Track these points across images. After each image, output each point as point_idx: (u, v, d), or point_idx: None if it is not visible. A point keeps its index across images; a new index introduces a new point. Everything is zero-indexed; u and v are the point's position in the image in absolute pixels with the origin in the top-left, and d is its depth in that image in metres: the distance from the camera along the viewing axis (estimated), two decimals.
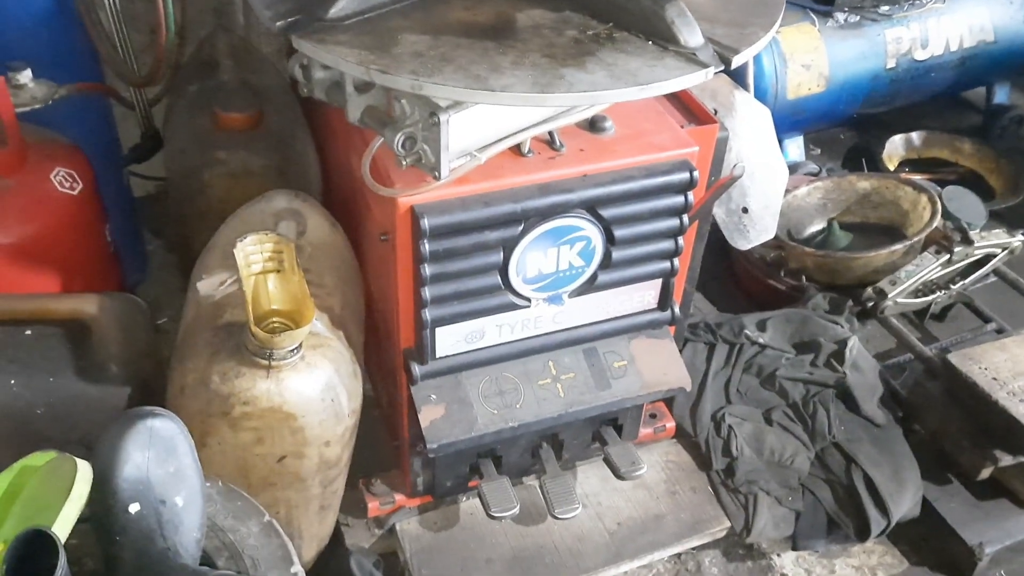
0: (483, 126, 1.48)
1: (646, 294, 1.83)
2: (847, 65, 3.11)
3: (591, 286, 1.74)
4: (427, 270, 1.57)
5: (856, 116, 3.37)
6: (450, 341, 1.71)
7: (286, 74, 2.41)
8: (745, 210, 2.21)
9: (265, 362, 1.56)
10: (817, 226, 2.89)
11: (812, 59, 2.99)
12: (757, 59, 2.89)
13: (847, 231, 2.80)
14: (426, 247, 1.54)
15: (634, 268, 1.76)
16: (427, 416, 1.73)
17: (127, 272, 2.27)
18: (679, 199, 1.68)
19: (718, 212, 2.19)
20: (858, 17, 3.09)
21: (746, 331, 2.36)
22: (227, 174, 2.03)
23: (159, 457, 1.27)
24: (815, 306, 2.48)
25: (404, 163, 1.45)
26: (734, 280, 2.84)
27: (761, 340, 2.36)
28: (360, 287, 1.93)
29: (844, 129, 3.74)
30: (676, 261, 1.78)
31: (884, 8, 3.10)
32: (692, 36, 1.39)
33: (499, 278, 1.65)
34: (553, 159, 1.61)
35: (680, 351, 1.91)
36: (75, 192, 1.93)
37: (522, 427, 1.77)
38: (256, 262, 1.60)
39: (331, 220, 1.91)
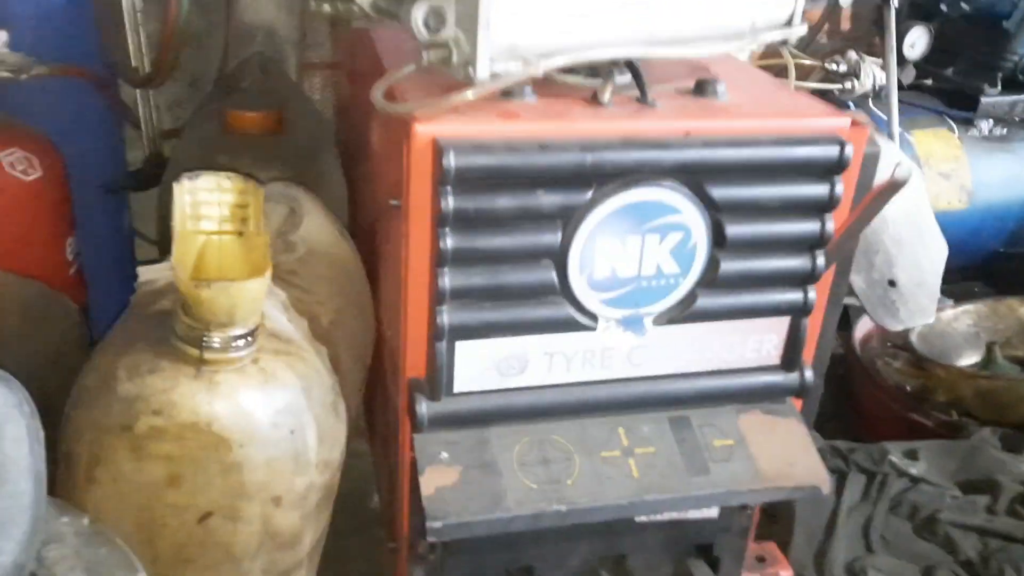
0: (545, 21, 1.03)
1: (765, 340, 1.27)
2: (993, 185, 2.61)
3: (687, 310, 1.20)
4: (449, 239, 1.07)
5: (1002, 254, 2.81)
6: (476, 369, 1.17)
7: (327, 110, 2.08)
8: (892, 283, 1.66)
9: (196, 352, 1.05)
10: (968, 359, 2.29)
11: (952, 168, 2.51)
12: None
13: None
14: (450, 199, 1.04)
15: (751, 292, 1.22)
16: (432, 480, 1.16)
17: (99, 309, 1.81)
18: (822, 187, 1.17)
19: (855, 280, 1.65)
20: (1005, 129, 2.62)
21: (891, 457, 1.73)
22: None
23: None
24: (981, 441, 1.85)
25: (426, 57, 1.00)
26: (859, 417, 2.22)
27: (913, 471, 1.72)
28: (368, 323, 1.43)
29: (980, 283, 3.16)
30: (812, 291, 1.24)
31: None
32: None
33: (554, 272, 1.13)
34: (642, 110, 1.14)
35: None
36: (27, 178, 1.53)
37: (572, 513, 1.17)
38: (209, 216, 1.13)
39: (339, 227, 1.45)
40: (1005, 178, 2.61)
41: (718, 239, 1.17)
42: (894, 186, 1.28)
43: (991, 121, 2.61)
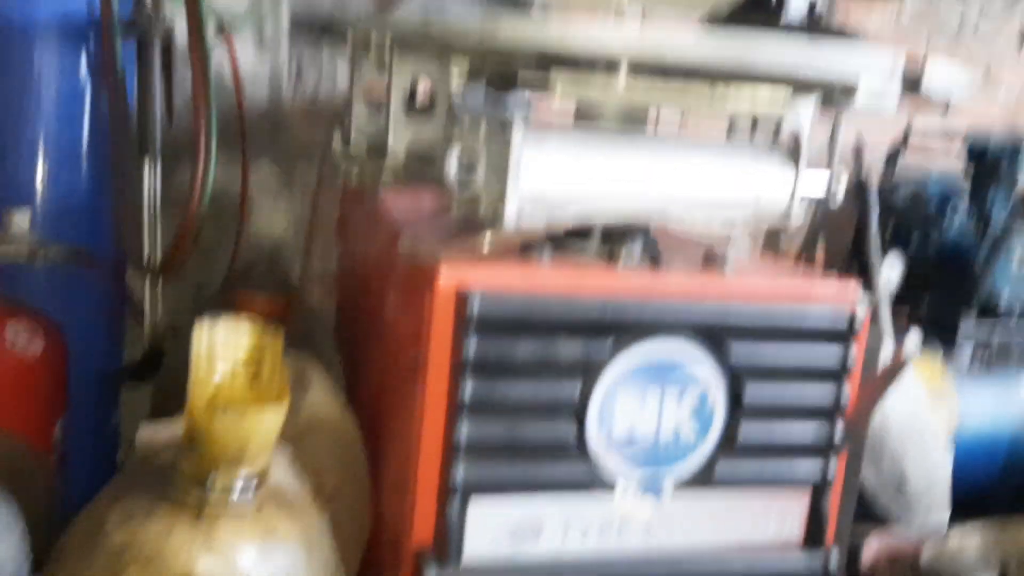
0: (570, 176, 1.09)
1: (787, 515, 1.22)
2: (981, 416, 2.62)
3: (708, 477, 1.16)
4: (468, 388, 1.05)
5: (995, 489, 2.76)
6: (488, 534, 1.11)
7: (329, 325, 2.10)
8: (903, 481, 1.63)
9: (197, 495, 0.99)
10: None
11: (939, 392, 2.54)
12: None
13: None
14: (471, 345, 1.04)
15: (771, 459, 1.19)
16: None
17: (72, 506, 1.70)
18: (836, 350, 1.18)
19: (868, 475, 1.62)
20: (986, 358, 2.68)
21: None
22: None
23: None
24: None
25: (456, 202, 1.04)
26: None
27: None
28: (366, 503, 1.36)
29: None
30: (833, 462, 1.21)
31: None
32: None
33: (574, 427, 1.10)
34: (658, 272, 1.17)
35: None
36: (26, 355, 1.51)
37: None
38: (224, 358, 1.11)
39: (343, 403, 1.42)
40: (991, 409, 2.63)
41: (736, 401, 1.16)
42: (902, 364, 1.30)
43: (971, 350, 2.68)
